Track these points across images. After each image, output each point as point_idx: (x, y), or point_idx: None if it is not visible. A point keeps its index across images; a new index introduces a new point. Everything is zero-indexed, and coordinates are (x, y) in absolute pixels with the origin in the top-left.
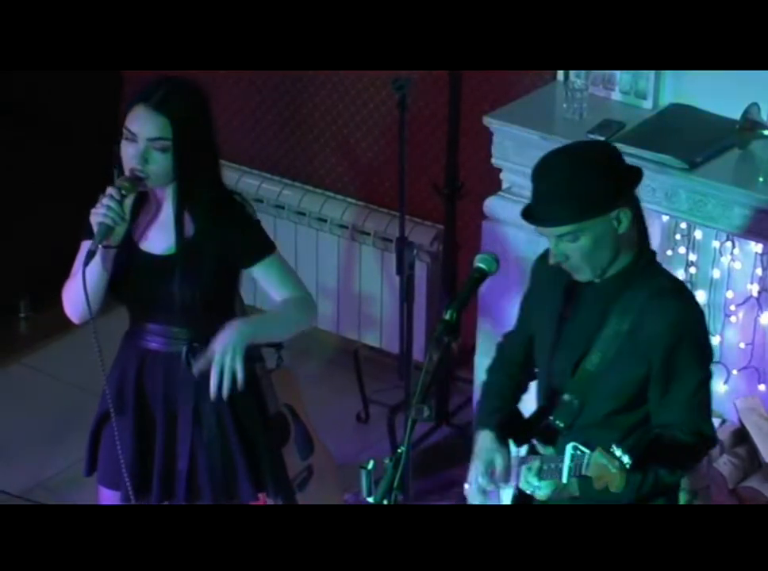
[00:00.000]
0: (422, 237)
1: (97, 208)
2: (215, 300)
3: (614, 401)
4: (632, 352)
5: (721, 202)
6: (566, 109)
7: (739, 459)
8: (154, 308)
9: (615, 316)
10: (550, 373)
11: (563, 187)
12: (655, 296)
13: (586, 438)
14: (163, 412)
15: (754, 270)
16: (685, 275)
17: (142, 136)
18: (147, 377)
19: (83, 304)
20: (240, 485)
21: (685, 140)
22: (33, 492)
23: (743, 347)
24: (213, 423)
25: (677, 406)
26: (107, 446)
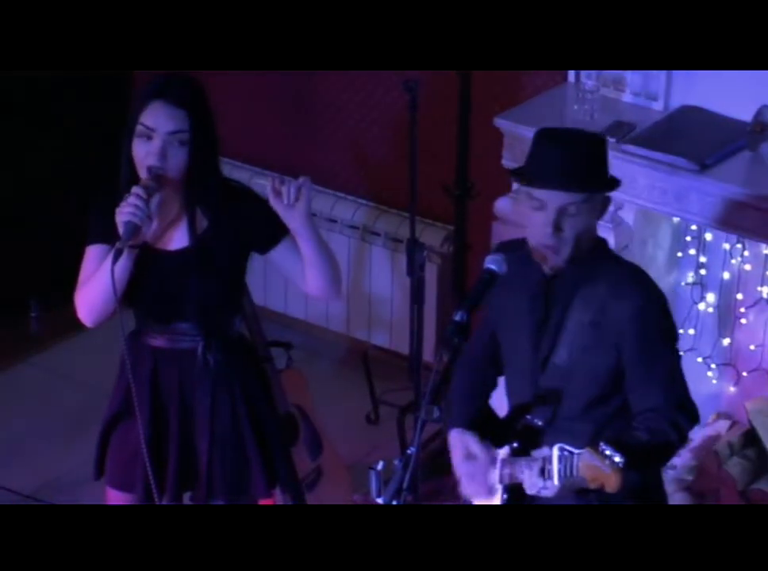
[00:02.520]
0: (432, 238)
1: (123, 208)
2: (228, 294)
3: (588, 393)
4: (599, 343)
5: (732, 204)
6: (576, 111)
7: (749, 461)
8: (168, 306)
9: (576, 308)
10: (521, 371)
11: (581, 155)
12: (616, 285)
13: (567, 432)
14: (177, 410)
15: (765, 272)
16: (695, 277)
17: (161, 131)
18: (161, 376)
19: (99, 306)
20: (254, 482)
21: (696, 142)
22: (42, 492)
23: (753, 349)
24: (228, 420)
25: (659, 388)
26: (116, 449)
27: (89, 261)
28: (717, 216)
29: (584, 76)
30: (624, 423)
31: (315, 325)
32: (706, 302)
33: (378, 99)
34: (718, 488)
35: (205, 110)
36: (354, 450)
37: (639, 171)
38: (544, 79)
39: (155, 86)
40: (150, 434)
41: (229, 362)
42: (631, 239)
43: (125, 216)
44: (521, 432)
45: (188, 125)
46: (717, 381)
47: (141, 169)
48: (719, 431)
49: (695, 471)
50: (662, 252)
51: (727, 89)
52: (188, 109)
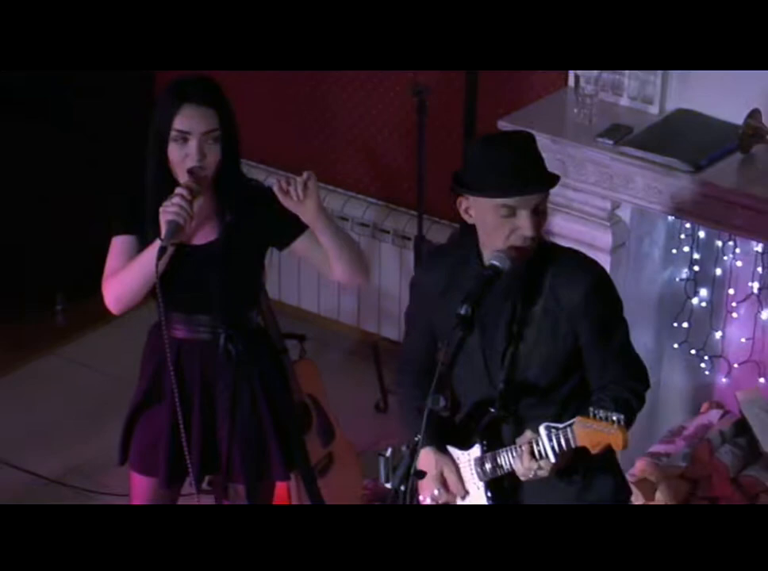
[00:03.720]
0: (439, 235)
1: (167, 207)
2: (248, 286)
3: (547, 378)
4: (552, 330)
5: (724, 204)
6: (576, 114)
7: (740, 449)
8: (191, 298)
9: (523, 300)
10: (475, 369)
11: (536, 158)
12: (563, 271)
13: (532, 418)
14: (200, 399)
15: (755, 269)
16: (689, 273)
17: (197, 132)
18: (185, 366)
19: (129, 297)
20: (272, 466)
21: (690, 144)
22: (67, 477)
23: (744, 342)
24: (248, 407)
25: (617, 361)
26: (141, 435)
27: (116, 252)
28: (710, 214)
29: (583, 81)
30: (583, 400)
31: (327, 318)
32: (699, 297)
33: (387, 103)
34: (710, 475)
35: (229, 106)
36: (364, 438)
37: (635, 172)
38: (545, 84)
39: (179, 91)
40: (174, 421)
41: (249, 352)
42: (628, 236)
43: (170, 215)
44: (486, 427)
45: (218, 123)
46: (709, 373)
47: (179, 171)
48: (711, 420)
49: (688, 458)
50: (657, 249)
51: (720, 93)
52: (216, 108)
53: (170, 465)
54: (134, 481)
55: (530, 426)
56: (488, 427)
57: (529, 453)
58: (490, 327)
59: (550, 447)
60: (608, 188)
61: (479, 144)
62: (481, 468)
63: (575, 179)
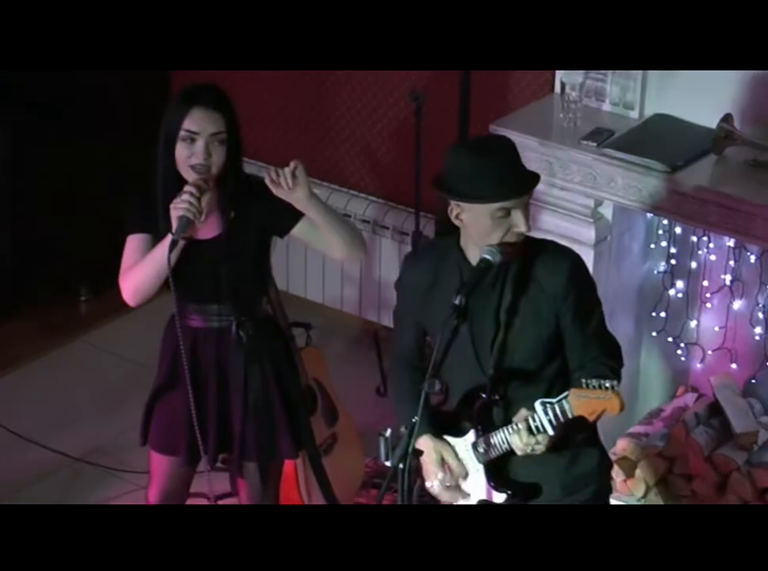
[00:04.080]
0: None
1: (177, 203)
2: (254, 275)
3: (534, 362)
4: (536, 314)
5: (699, 202)
6: (562, 119)
7: (714, 430)
8: (203, 289)
9: (509, 290)
10: (466, 359)
11: (518, 159)
12: (543, 260)
13: (521, 399)
14: (216, 382)
15: (728, 262)
16: (666, 266)
17: (205, 133)
18: (201, 353)
19: (144, 290)
20: (281, 445)
21: (667, 147)
22: (90, 456)
23: (717, 330)
24: (259, 390)
25: (596, 341)
26: (160, 417)
27: (131, 249)
28: (686, 212)
29: (568, 88)
30: (567, 379)
31: (331, 308)
32: (676, 288)
33: (387, 109)
34: (686, 454)
35: (234, 112)
36: (365, 419)
37: (617, 172)
38: (533, 90)
39: (191, 95)
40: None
41: (259, 338)
42: (610, 232)
43: (180, 211)
44: (479, 412)
45: (225, 126)
46: (685, 359)
47: (184, 169)
48: (686, 403)
49: (666, 438)
50: (636, 244)
51: (695, 99)
52: (224, 112)
53: (190, 444)
54: (153, 460)
55: (520, 406)
56: (480, 412)
57: (526, 429)
58: (479, 316)
59: (547, 421)
60: (591, 187)
61: (465, 154)
62: (479, 451)
63: (561, 179)
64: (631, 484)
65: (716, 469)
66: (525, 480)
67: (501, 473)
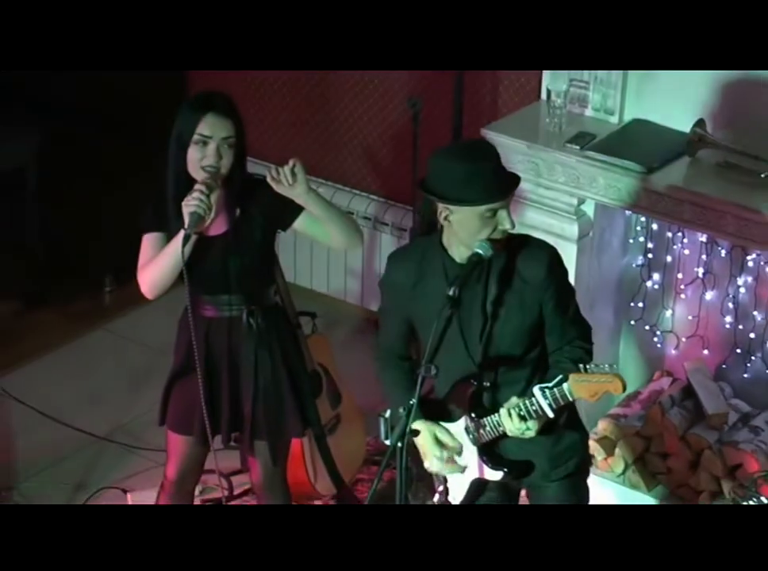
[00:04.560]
0: None
1: (189, 201)
2: (261, 267)
3: (520, 348)
4: (522, 304)
5: (674, 200)
6: (547, 123)
7: (687, 411)
8: (214, 281)
9: (494, 283)
10: (455, 349)
11: (500, 161)
12: (523, 254)
13: (508, 383)
14: (228, 368)
15: (700, 256)
16: (643, 259)
17: (217, 137)
18: (214, 340)
19: (161, 283)
20: (289, 424)
21: (645, 149)
22: (113, 434)
23: (691, 319)
24: (269, 373)
25: (572, 326)
26: (177, 400)
27: (146, 247)
28: (661, 209)
29: (553, 95)
30: (547, 362)
31: (335, 298)
32: (652, 280)
33: (387, 113)
34: (662, 433)
35: (241, 118)
36: (366, 401)
37: (598, 173)
38: (521, 97)
39: (204, 102)
40: (205, 387)
41: (268, 326)
42: (592, 228)
43: (192, 207)
44: (470, 398)
45: (234, 131)
46: (661, 346)
47: (196, 170)
48: (662, 387)
49: (643, 419)
50: (616, 239)
51: (671, 105)
52: (233, 119)
53: (204, 425)
54: (170, 439)
55: (507, 390)
56: (472, 398)
57: (518, 415)
58: (466, 308)
59: (547, 404)
60: (574, 186)
61: (456, 160)
62: (472, 435)
63: (546, 179)
64: (612, 461)
65: (690, 447)
66: (516, 457)
67: (494, 453)
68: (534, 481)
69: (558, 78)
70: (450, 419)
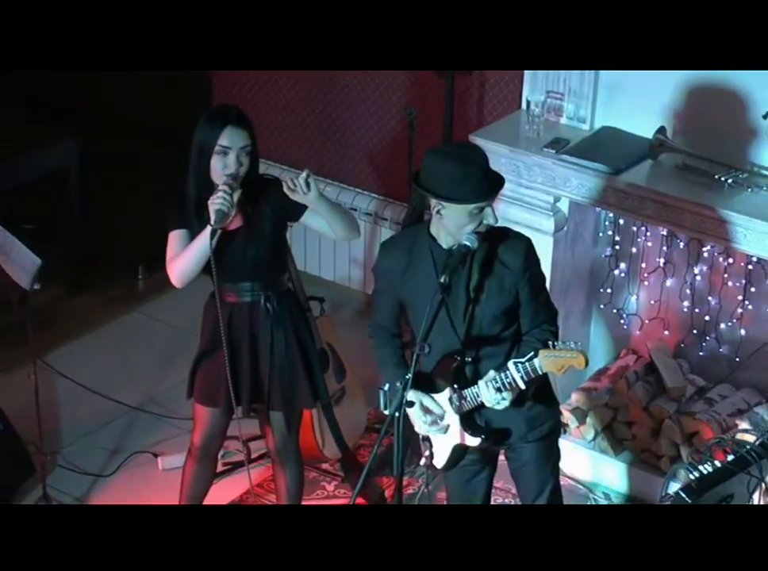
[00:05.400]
0: None
1: (214, 199)
2: (275, 257)
3: (498, 327)
4: (501, 288)
5: (638, 198)
6: (527, 130)
7: (650, 385)
8: (234, 271)
9: (477, 269)
10: (443, 328)
11: (487, 165)
12: (502, 244)
13: (487, 358)
14: (248, 347)
15: (662, 248)
16: (611, 250)
17: (235, 147)
18: (235, 323)
19: (188, 274)
20: (301, 396)
21: (612, 153)
22: (146, 405)
23: (653, 303)
24: (283, 351)
25: (543, 309)
26: (203, 376)
27: (172, 243)
28: (628, 206)
29: (533, 105)
30: (518, 341)
31: (340, 285)
32: (619, 269)
33: (386, 121)
34: (627, 404)
35: (253, 128)
36: (368, 376)
37: (572, 174)
38: (504, 107)
39: (222, 117)
40: (229, 363)
41: (282, 310)
42: (566, 223)
43: (217, 205)
44: (454, 372)
45: (249, 140)
46: (627, 327)
47: (218, 176)
48: (628, 363)
49: (611, 392)
50: (588, 232)
51: (635, 114)
52: (248, 129)
53: (227, 397)
54: (197, 410)
55: (486, 363)
56: (456, 372)
57: (494, 388)
58: (453, 292)
59: (519, 377)
60: (551, 186)
61: (450, 162)
62: (454, 404)
63: (526, 179)
64: (583, 429)
65: (652, 417)
66: (496, 424)
67: (474, 421)
68: (512, 443)
69: (537, 90)
70: (436, 390)
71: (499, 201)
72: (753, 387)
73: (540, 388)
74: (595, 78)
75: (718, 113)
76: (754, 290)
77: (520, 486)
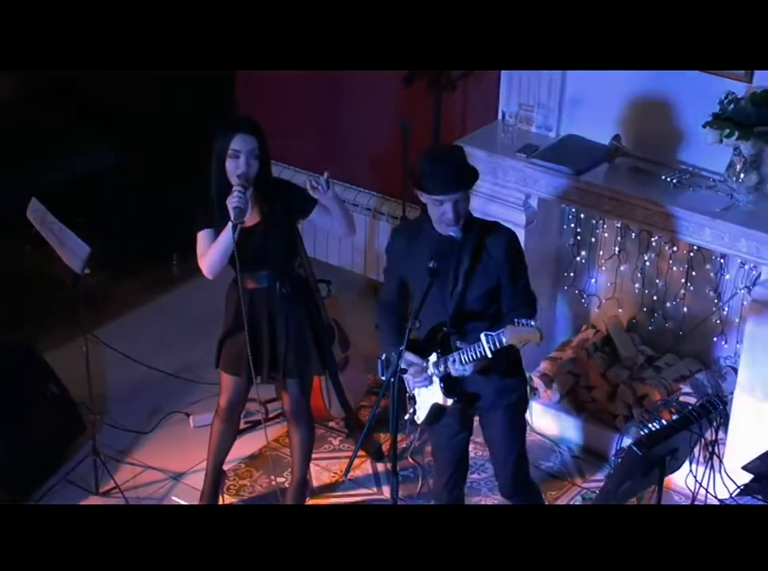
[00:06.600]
0: None
1: (232, 198)
2: (287, 248)
3: (480, 306)
4: (485, 273)
5: (597, 196)
6: (503, 137)
7: (607, 355)
8: (252, 261)
9: (465, 255)
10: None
11: (463, 163)
12: (488, 233)
13: (470, 332)
14: (267, 324)
15: (617, 238)
16: (574, 240)
17: (245, 151)
18: (256, 305)
19: (218, 266)
20: (312, 365)
21: (575, 157)
22: (180, 372)
23: (609, 285)
24: (297, 328)
25: (522, 293)
26: (228, 349)
27: (201, 240)
28: (588, 203)
29: (507, 116)
30: (499, 319)
31: (345, 269)
32: (581, 256)
33: (384, 129)
34: (587, 372)
35: (263, 135)
36: (368, 347)
37: (540, 175)
38: (483, 118)
39: (234, 125)
40: (250, 338)
41: (295, 292)
42: (536, 217)
43: (235, 203)
44: (440, 341)
45: (258, 144)
46: (587, 305)
47: (232, 178)
48: (588, 336)
49: (574, 361)
50: (554, 225)
51: (595, 123)
52: (256, 135)
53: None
54: (223, 378)
55: (470, 336)
56: (442, 341)
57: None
58: (443, 273)
59: (488, 347)
60: (523, 185)
61: (427, 160)
62: (438, 368)
63: (502, 179)
64: (550, 393)
65: (609, 382)
66: (471, 389)
67: (453, 384)
68: (483, 409)
69: (511, 103)
70: (424, 355)
71: (478, 198)
72: (694, 356)
73: (512, 365)
74: (561, 93)
75: (665, 123)
76: (695, 274)
77: (492, 449)
